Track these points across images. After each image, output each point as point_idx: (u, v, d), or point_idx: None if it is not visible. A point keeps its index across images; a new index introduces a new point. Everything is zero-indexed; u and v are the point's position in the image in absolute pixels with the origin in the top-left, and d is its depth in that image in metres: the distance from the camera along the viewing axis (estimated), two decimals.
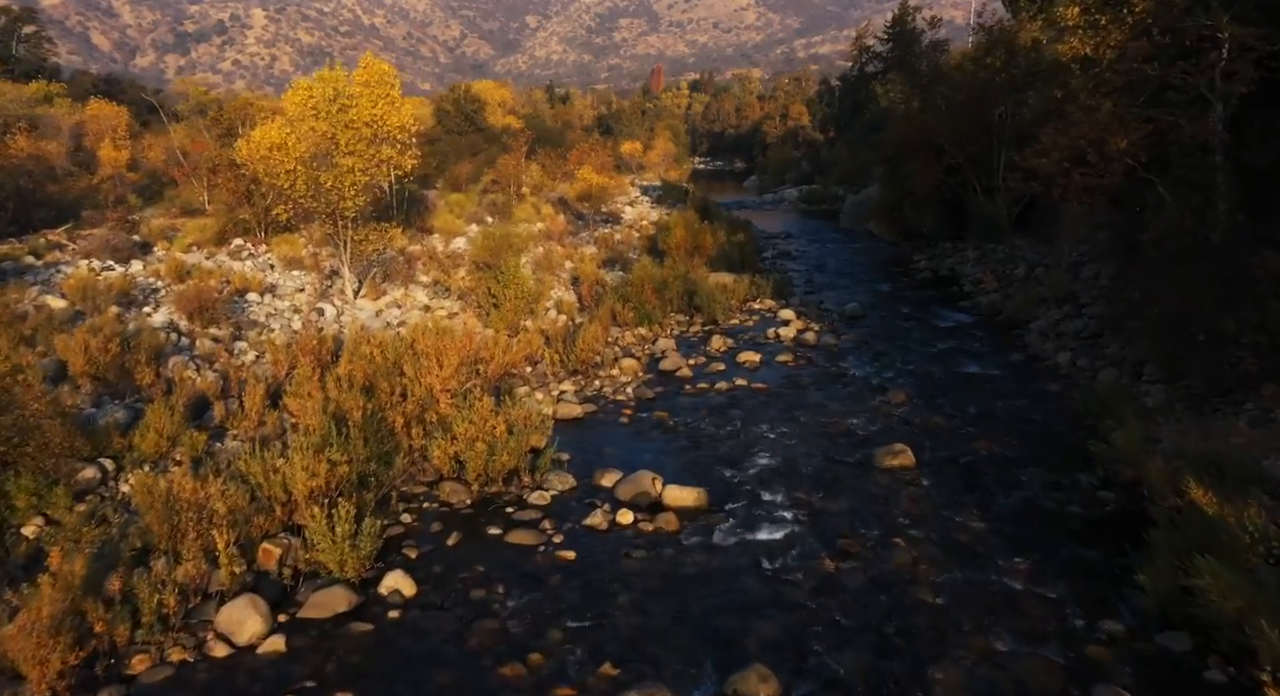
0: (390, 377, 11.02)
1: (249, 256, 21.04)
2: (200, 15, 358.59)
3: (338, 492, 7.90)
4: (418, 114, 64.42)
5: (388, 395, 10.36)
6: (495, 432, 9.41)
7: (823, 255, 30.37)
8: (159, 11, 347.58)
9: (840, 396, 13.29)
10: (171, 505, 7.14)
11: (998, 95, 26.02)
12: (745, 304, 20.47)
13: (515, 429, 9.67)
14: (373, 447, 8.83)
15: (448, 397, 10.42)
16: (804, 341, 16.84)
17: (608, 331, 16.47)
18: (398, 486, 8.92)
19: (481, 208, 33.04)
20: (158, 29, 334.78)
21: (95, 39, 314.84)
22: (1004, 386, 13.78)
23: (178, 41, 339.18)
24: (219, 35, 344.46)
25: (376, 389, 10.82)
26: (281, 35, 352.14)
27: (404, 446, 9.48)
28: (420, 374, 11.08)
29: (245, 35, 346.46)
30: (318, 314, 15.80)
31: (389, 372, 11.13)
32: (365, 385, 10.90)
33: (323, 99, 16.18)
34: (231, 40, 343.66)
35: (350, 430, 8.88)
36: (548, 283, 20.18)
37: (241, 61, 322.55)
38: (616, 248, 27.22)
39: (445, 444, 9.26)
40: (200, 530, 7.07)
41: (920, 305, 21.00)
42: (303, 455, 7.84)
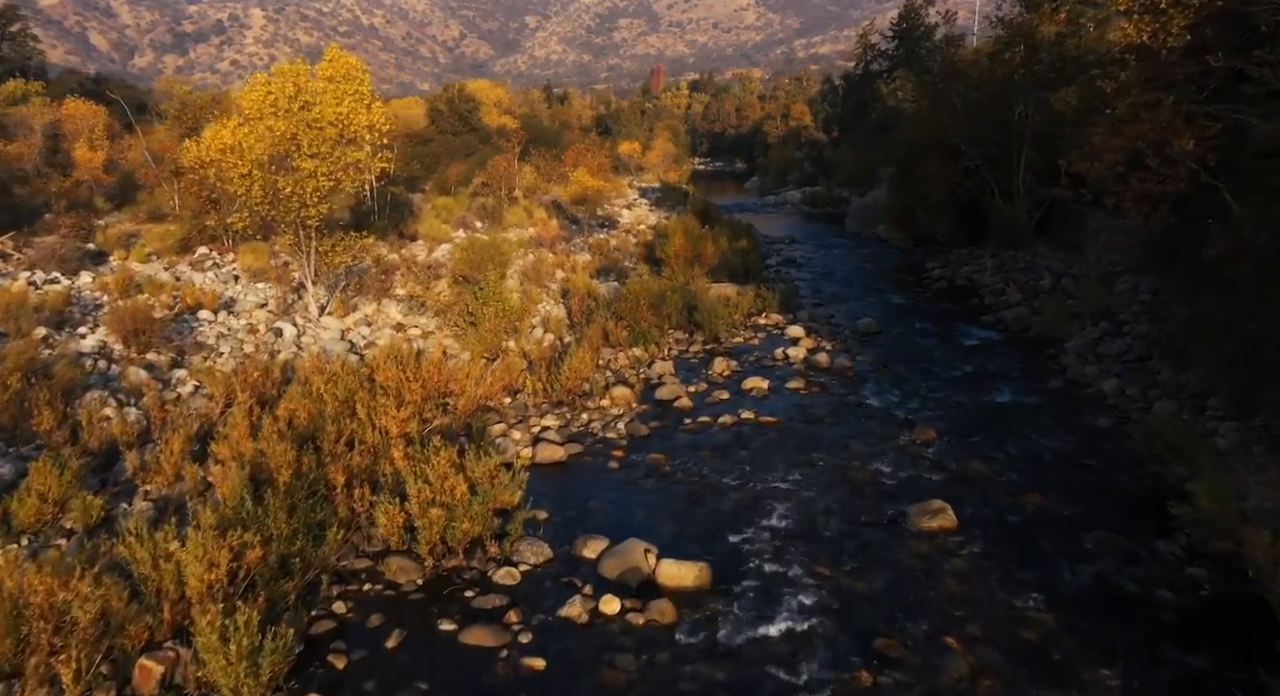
0: (339, 420, 9.40)
1: (213, 266, 19.42)
2: (199, 15, 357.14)
3: (247, 583, 6.27)
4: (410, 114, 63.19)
5: (332, 443, 8.73)
6: (455, 493, 7.78)
7: (830, 262, 28.74)
8: (157, 11, 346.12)
9: (861, 433, 11.65)
10: (19, 609, 5.52)
11: (1017, 93, 24.41)
12: (750, 318, 18.83)
13: (480, 488, 8.04)
14: (302, 517, 7.20)
15: (403, 446, 8.79)
16: (816, 364, 15.21)
17: (598, 354, 14.85)
18: (333, 564, 7.28)
19: (470, 212, 31.42)
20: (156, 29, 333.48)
21: (93, 39, 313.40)
22: (1045, 419, 12.14)
23: (176, 41, 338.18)
24: (217, 35, 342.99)
25: (322, 433, 9.20)
26: (280, 35, 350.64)
27: (344, 512, 7.84)
28: (375, 414, 9.45)
29: (244, 35, 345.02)
30: (274, 335, 14.18)
31: (338, 413, 9.50)
32: (308, 429, 9.27)
33: (283, 95, 14.57)
34: (230, 40, 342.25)
35: (274, 495, 7.25)
36: (535, 296, 18.55)
37: (240, 61, 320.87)
38: (612, 255, 25.60)
39: (394, 509, 7.63)
40: (56, 643, 5.44)
41: (939, 319, 19.37)
42: (203, 537, 6.22)
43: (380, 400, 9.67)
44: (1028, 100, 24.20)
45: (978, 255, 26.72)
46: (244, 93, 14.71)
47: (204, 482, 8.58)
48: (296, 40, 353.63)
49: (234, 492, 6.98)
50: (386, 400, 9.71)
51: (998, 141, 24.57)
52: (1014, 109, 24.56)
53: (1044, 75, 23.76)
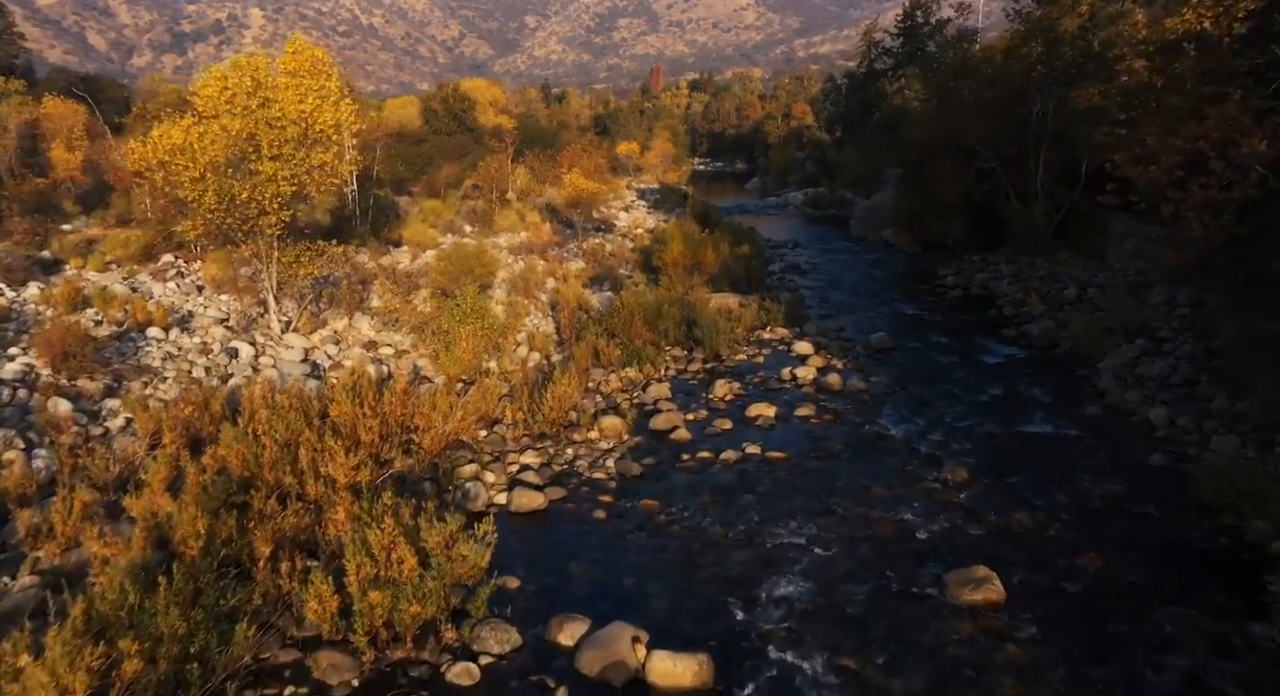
0: (278, 467, 8.02)
1: (176, 276, 18.06)
2: (197, 15, 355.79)
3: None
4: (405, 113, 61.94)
5: (264, 498, 7.34)
6: (404, 568, 6.42)
7: (836, 268, 27.36)
8: (156, 11, 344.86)
9: (882, 472, 10.28)
10: None
11: (1035, 90, 23.06)
12: (753, 333, 17.46)
13: (435, 560, 6.67)
14: (211, 603, 5.83)
15: (350, 501, 7.41)
16: (826, 386, 13.84)
17: (587, 376, 13.47)
18: (246, 664, 5.91)
19: (460, 216, 30.05)
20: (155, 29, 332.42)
21: (92, 39, 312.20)
22: (1088, 455, 10.77)
23: (175, 41, 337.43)
24: (216, 35, 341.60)
25: (258, 483, 7.83)
26: (279, 35, 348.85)
27: (269, 589, 6.47)
28: (321, 460, 8.08)
29: (243, 35, 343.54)
30: (229, 356, 12.80)
31: (277, 459, 8.13)
32: (241, 479, 7.91)
33: (240, 91, 13.20)
34: (229, 40, 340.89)
35: (179, 575, 5.88)
36: (521, 309, 17.18)
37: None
38: (606, 262, 24.22)
39: (327, 589, 6.26)
40: None
41: (957, 333, 18.00)
42: (64, 644, 4.85)
43: (329, 442, 8.29)
44: (1047, 98, 22.85)
45: (992, 261, 25.35)
46: (198, 87, 13.34)
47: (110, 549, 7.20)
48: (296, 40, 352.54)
49: (112, 583, 5.59)
50: (336, 442, 8.33)
51: (1015, 141, 23.20)
52: (1031, 107, 23.22)
53: (1065, 72, 22.41)
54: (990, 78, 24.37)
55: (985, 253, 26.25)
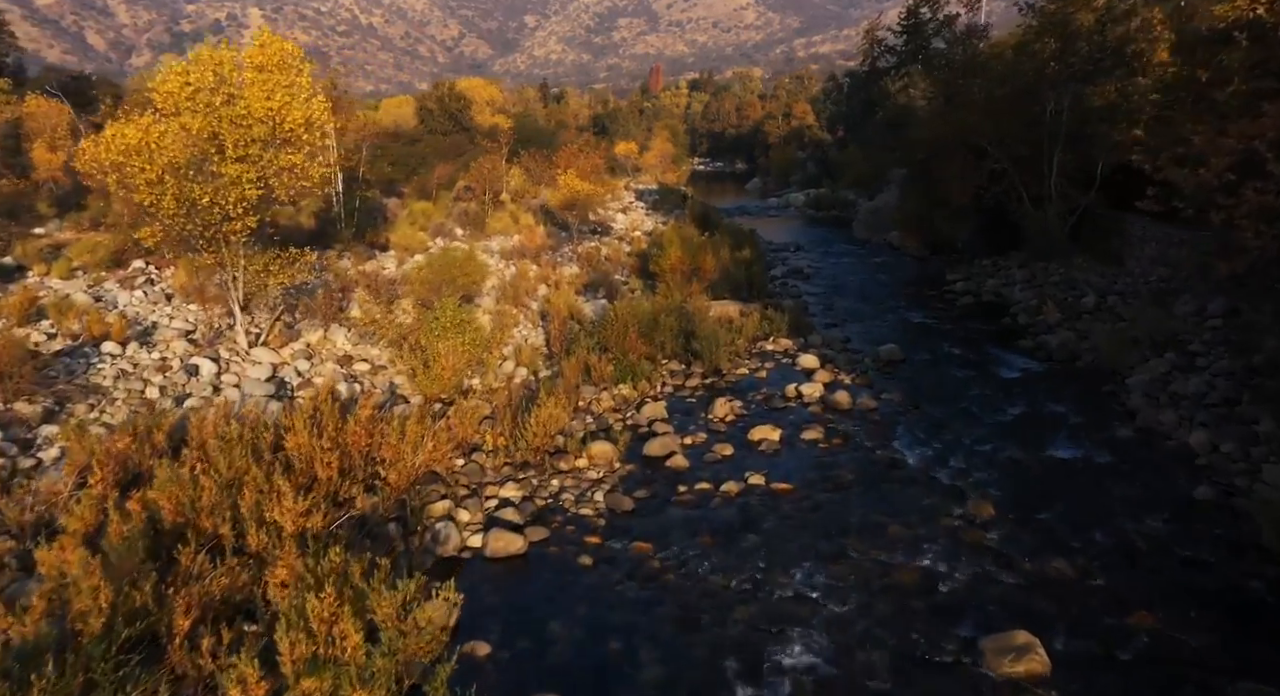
0: (217, 511, 7.04)
1: (146, 284, 17.08)
2: (196, 15, 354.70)
3: None
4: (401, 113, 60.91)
5: (193, 554, 6.36)
6: (347, 646, 5.44)
7: (839, 273, 26.39)
8: (155, 11, 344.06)
9: (899, 507, 9.30)
10: None
11: (1049, 88, 22.09)
12: (755, 344, 16.49)
13: (385, 635, 5.69)
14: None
15: (294, 557, 6.43)
16: (834, 404, 12.85)
17: (578, 394, 12.48)
18: None
19: (452, 218, 29.08)
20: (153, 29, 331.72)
21: (90, 38, 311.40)
22: (1125, 486, 9.80)
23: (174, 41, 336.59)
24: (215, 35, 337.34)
25: (192, 532, 6.86)
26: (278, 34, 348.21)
27: (185, 674, 5.48)
28: (268, 503, 7.10)
29: (242, 35, 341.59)
30: (188, 374, 11.81)
31: (218, 501, 7.14)
32: (177, 526, 6.93)
33: (203, 86, 12.22)
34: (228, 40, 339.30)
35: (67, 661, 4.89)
36: (510, 319, 16.21)
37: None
38: (602, 267, 23.24)
39: (252, 672, 5.27)
40: None
41: (971, 344, 17.02)
42: None
43: (278, 481, 7.31)
44: (1061, 96, 21.88)
45: (1003, 266, 24.38)
46: (157, 83, 12.35)
47: None
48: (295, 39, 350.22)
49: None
50: (287, 481, 7.35)
51: (1027, 141, 22.23)
52: (1045, 106, 22.25)
53: (1080, 68, 21.44)
54: (1001, 75, 23.39)
55: (995, 257, 25.29)
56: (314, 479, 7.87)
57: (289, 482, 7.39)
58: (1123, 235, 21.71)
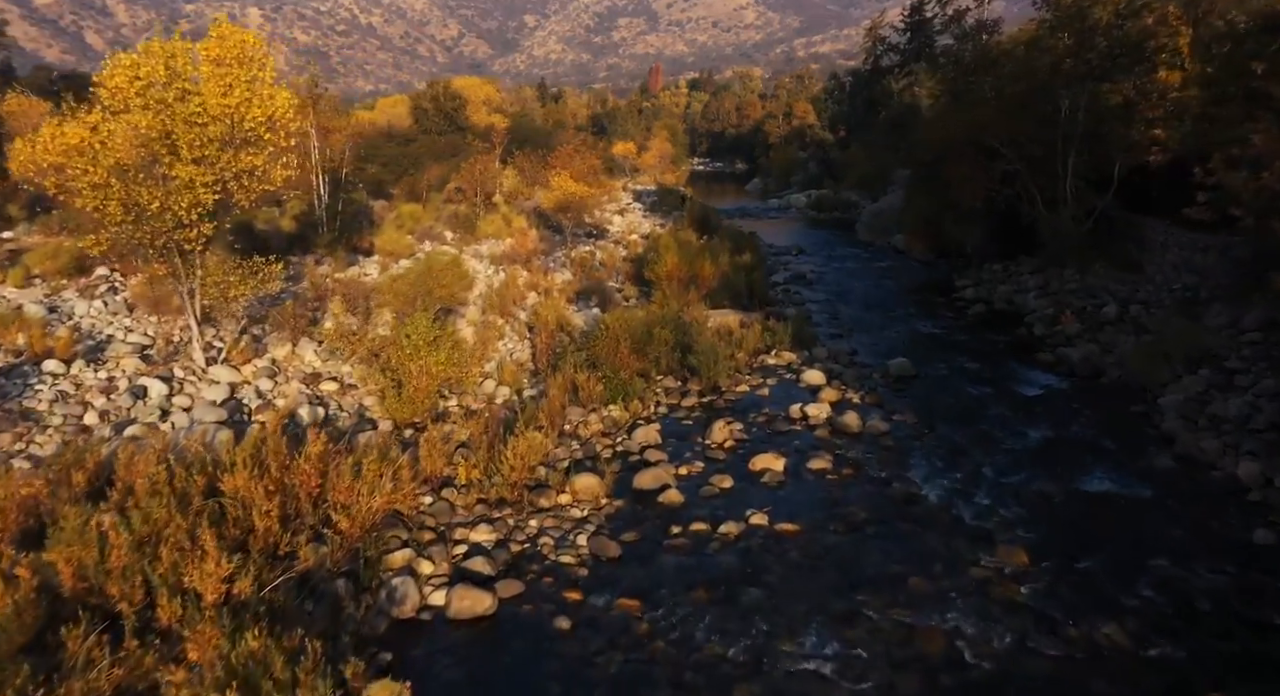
0: (128, 575, 6.00)
1: (108, 293, 16.05)
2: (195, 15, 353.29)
3: None
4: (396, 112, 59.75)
5: (81, 637, 5.32)
6: None
7: (844, 278, 25.36)
8: (154, 10, 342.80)
9: (919, 554, 8.26)
10: None
11: (1064, 85, 21.03)
12: (756, 358, 15.45)
13: None
14: None
15: (213, 634, 5.39)
16: (843, 427, 11.81)
17: (563, 418, 11.43)
18: None
19: (441, 221, 28.05)
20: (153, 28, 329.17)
21: (89, 38, 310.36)
22: (1172, 526, 8.76)
23: None
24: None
25: (100, 597, 5.82)
26: (277, 34, 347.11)
27: None
28: (187, 564, 6.07)
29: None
30: (134, 396, 10.77)
31: (130, 562, 6.10)
32: (78, 593, 5.90)
33: (154, 81, 11.18)
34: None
35: None
36: (495, 331, 15.17)
37: None
38: (595, 273, 22.20)
39: None
40: None
41: (986, 356, 15.98)
42: None
43: (204, 535, 6.27)
44: (1077, 94, 20.83)
45: (1015, 272, 23.34)
46: (104, 77, 11.30)
47: None
48: (294, 40, 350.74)
49: None
50: (218, 534, 6.31)
51: (1041, 141, 21.18)
52: (1060, 104, 21.20)
53: (1098, 65, 20.40)
54: (1014, 72, 22.35)
55: (1006, 262, 24.27)
56: (250, 529, 6.83)
57: (218, 537, 6.35)
58: (1141, 240, 20.68)
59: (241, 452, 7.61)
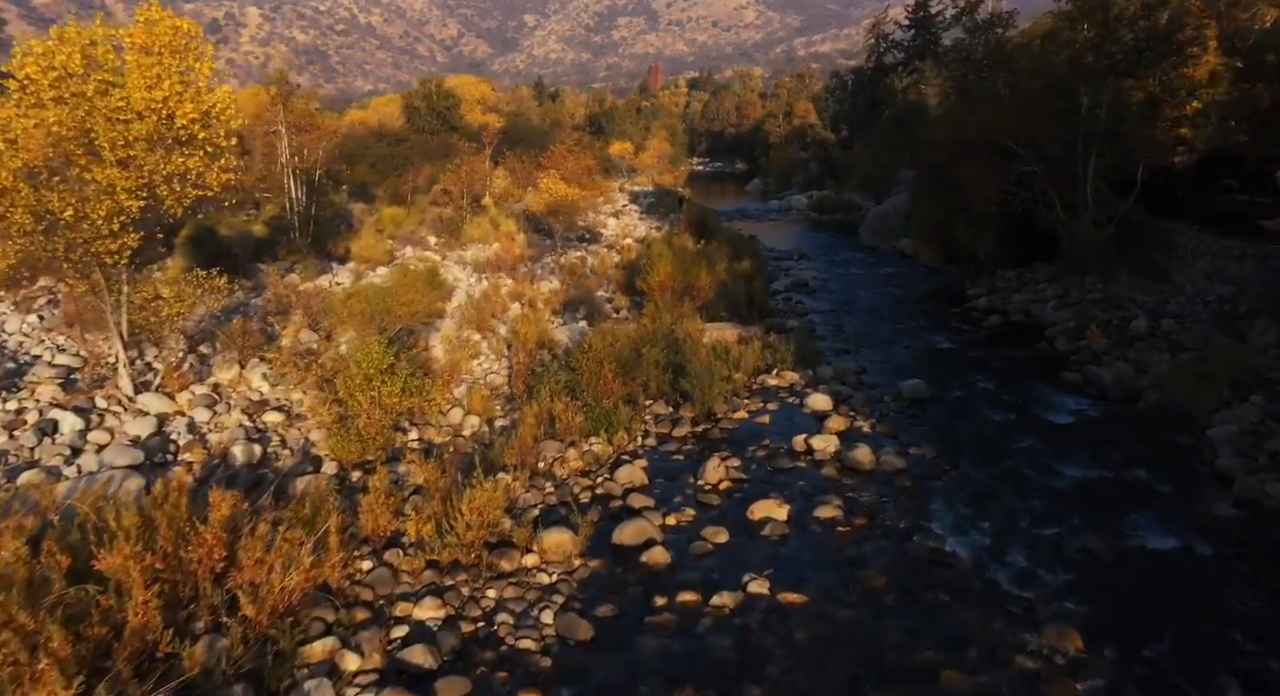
0: None
1: (49, 306, 14.72)
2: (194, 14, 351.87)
3: None
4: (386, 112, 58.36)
5: None
6: None
7: (848, 285, 23.99)
8: None
9: (951, 633, 6.89)
10: None
11: (1085, 81, 19.66)
12: (756, 378, 14.09)
13: None
14: None
15: None
16: (853, 462, 10.44)
17: (537, 453, 10.06)
18: None
19: (425, 225, 26.71)
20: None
21: None
22: (1248, 598, 7.39)
23: None
24: (213, 34, 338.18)
25: None
26: (276, 34, 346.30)
27: None
28: (23, 685, 4.70)
29: (240, 34, 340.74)
30: (40, 434, 9.40)
31: None
32: None
33: (71, 72, 9.82)
34: (226, 39, 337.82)
35: None
36: (469, 349, 13.80)
37: (235, 60, 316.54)
38: (585, 281, 20.83)
39: None
40: None
41: (1006, 376, 14.61)
42: None
43: (56, 634, 4.93)
44: (1099, 90, 19.47)
45: (1030, 280, 21.97)
46: (14, 65, 9.94)
47: None
48: (293, 39, 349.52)
49: None
50: (74, 635, 4.96)
51: (1061, 141, 19.81)
52: (1080, 101, 19.84)
53: (1123, 59, 19.04)
54: (1032, 67, 20.97)
55: (1020, 269, 22.91)
56: (121, 626, 5.46)
57: (77, 639, 4.99)
58: (1168, 246, 19.33)
59: (128, 518, 6.25)
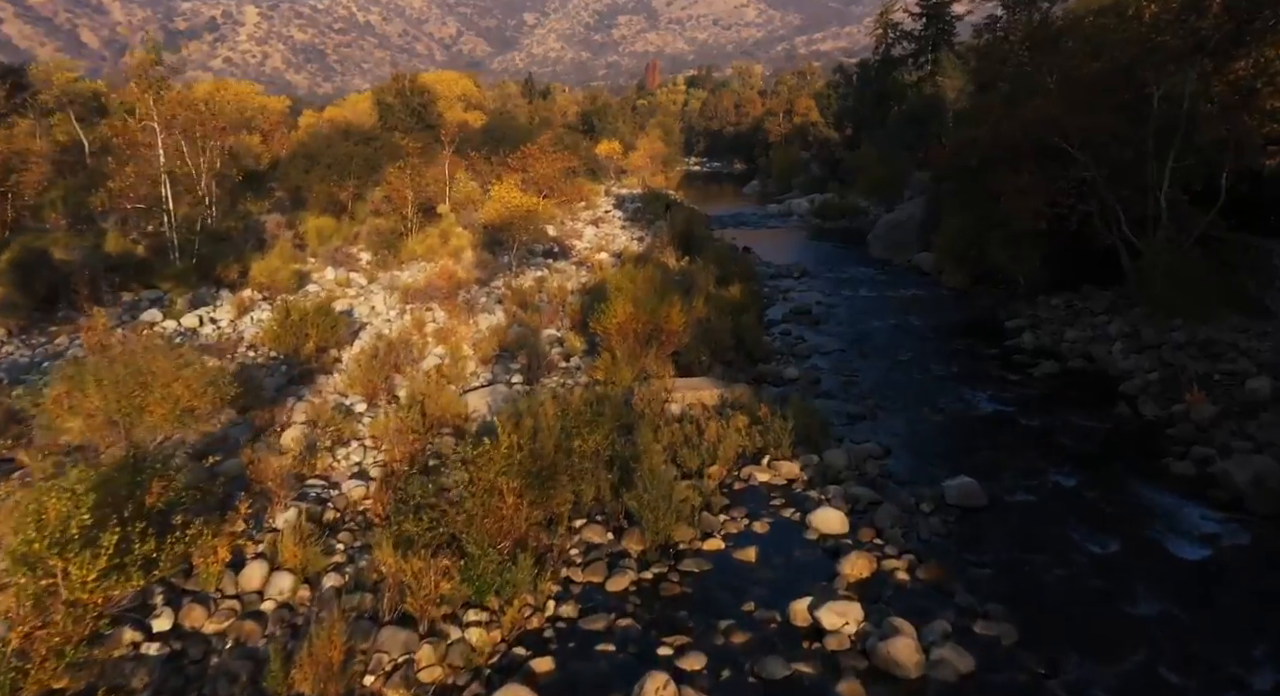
0: None
1: None
2: (191, 13, 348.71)
3: None
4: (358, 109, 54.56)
5: None
6: None
7: (859, 313, 19.96)
8: (149, 8, 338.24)
9: None
10: None
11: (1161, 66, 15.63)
12: (740, 468, 10.08)
13: None
14: None
15: None
16: (888, 664, 6.40)
17: (354, 662, 6.03)
18: None
19: (361, 238, 22.72)
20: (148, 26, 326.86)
21: (84, 37, 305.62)
22: None
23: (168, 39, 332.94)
24: (210, 32, 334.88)
25: None
26: (274, 32, 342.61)
27: None
28: None
29: (237, 32, 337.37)
30: None
31: None
32: None
33: None
34: (223, 37, 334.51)
35: None
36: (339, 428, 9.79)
37: (233, 59, 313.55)
38: (534, 313, 16.76)
39: None
40: None
41: (1085, 464, 10.55)
42: None
43: None
44: (1179, 77, 15.44)
45: (1082, 309, 17.93)
46: None
47: None
48: (290, 38, 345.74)
49: None
50: None
51: (1130, 141, 15.77)
52: (1151, 91, 15.83)
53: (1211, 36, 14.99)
54: (1088, 49, 16.89)
55: (1067, 293, 18.89)
56: None
57: None
58: (1259, 270, 15.36)
59: None
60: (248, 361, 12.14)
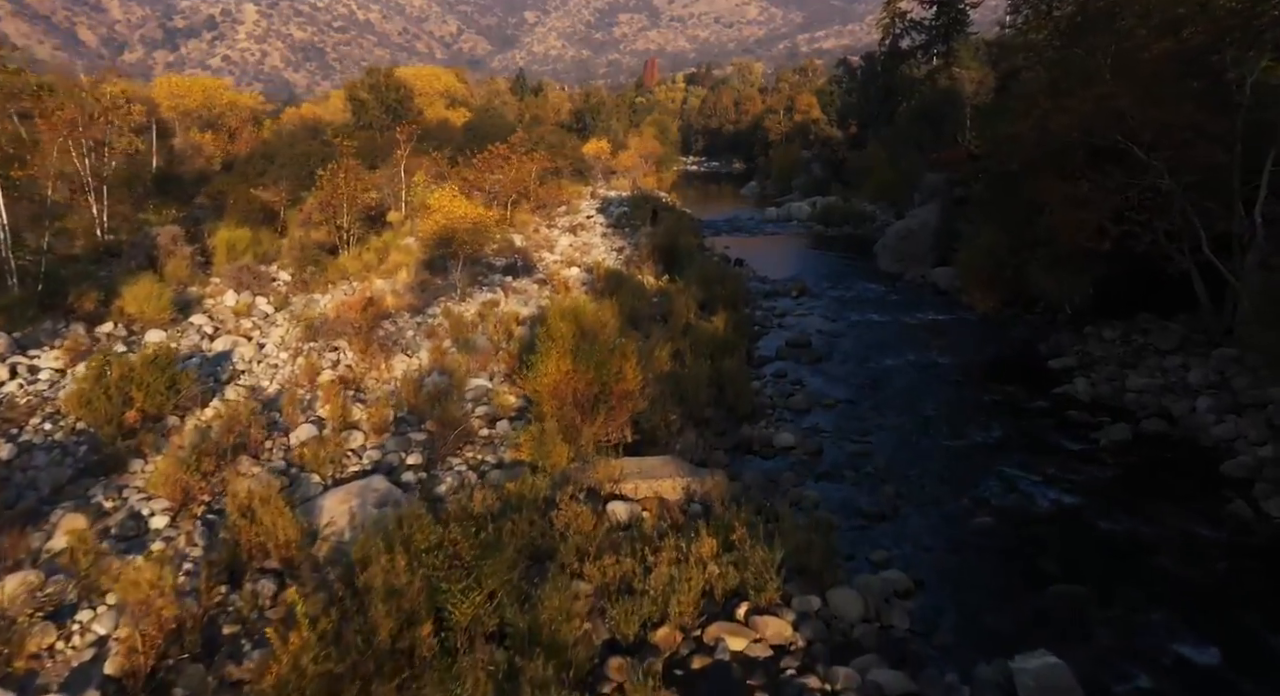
0: None
1: None
2: (190, 11, 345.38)
3: None
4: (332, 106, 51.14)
5: None
6: None
7: (869, 345, 16.62)
8: (148, 7, 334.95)
9: None
10: None
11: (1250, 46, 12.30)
12: (704, 624, 6.74)
13: None
14: None
15: None
16: None
17: None
18: None
19: (286, 253, 19.35)
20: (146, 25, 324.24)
21: (82, 35, 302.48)
22: None
23: (167, 37, 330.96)
24: (209, 31, 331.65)
25: None
26: (273, 31, 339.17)
27: None
28: None
29: (236, 31, 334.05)
30: None
31: None
32: None
33: None
34: (222, 36, 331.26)
35: None
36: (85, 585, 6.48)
37: (232, 57, 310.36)
38: (460, 357, 13.37)
39: None
40: None
41: (1211, 608, 7.22)
42: None
43: None
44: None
45: (1141, 344, 14.54)
46: None
47: None
48: (289, 36, 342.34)
49: None
50: None
51: (1216, 140, 12.39)
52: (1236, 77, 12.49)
53: None
54: (1158, 23, 13.49)
55: (1119, 323, 15.53)
56: None
57: None
58: None
59: None
60: (35, 441, 8.85)
